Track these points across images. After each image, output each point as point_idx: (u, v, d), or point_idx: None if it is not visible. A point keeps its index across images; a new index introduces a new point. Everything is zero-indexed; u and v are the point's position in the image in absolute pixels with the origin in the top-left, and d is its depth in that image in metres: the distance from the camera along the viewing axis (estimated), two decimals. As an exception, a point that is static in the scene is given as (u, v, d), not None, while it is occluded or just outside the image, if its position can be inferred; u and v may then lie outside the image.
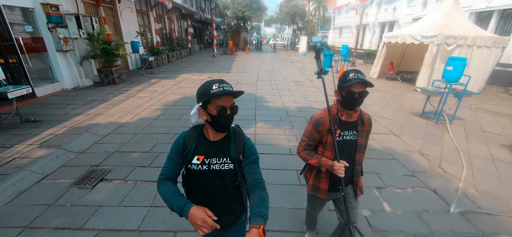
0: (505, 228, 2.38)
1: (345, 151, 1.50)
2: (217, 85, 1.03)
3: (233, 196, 1.21)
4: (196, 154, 1.13)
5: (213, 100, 1.04)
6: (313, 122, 1.53)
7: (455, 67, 4.74)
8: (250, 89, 7.93)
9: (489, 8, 9.02)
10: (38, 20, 6.25)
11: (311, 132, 1.53)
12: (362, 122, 1.50)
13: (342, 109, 1.47)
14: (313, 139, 1.54)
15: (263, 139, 4.14)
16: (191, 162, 1.13)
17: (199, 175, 1.14)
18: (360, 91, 1.36)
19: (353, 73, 1.37)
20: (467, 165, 3.48)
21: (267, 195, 1.09)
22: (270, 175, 3.09)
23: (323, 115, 1.50)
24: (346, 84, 1.35)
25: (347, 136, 1.49)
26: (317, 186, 1.63)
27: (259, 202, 1.03)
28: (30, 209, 2.47)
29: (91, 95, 6.58)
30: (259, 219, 0.95)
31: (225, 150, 1.14)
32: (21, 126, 4.36)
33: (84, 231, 2.20)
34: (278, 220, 2.36)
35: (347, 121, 1.48)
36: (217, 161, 1.13)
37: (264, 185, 1.12)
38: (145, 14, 12.51)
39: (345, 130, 1.48)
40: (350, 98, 1.37)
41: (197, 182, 1.17)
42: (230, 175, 1.15)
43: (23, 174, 2.98)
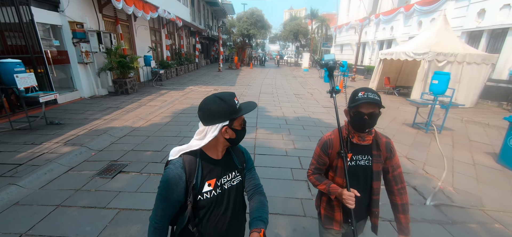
0: (474, 218, 2.68)
1: (360, 178, 1.33)
2: (236, 99, 0.98)
3: (241, 209, 1.14)
4: (206, 180, 1.00)
5: (239, 118, 0.99)
6: (321, 144, 1.37)
7: (440, 81, 5.16)
8: (253, 100, 8.40)
9: (479, 28, 9.54)
10: (64, 35, 7.00)
11: (319, 154, 1.37)
12: (377, 146, 1.32)
13: (353, 131, 1.31)
14: (322, 163, 1.38)
15: (263, 143, 4.56)
16: (202, 192, 0.99)
17: (212, 203, 1.01)
18: (370, 112, 1.20)
19: (363, 92, 1.21)
20: (449, 168, 3.80)
21: (266, 199, 1.08)
22: (267, 172, 3.48)
23: (333, 137, 1.34)
24: (354, 104, 1.21)
25: (361, 161, 1.31)
26: (330, 217, 1.42)
27: (259, 207, 1.02)
28: (60, 192, 2.90)
29: (106, 103, 7.16)
30: (259, 223, 0.95)
31: (231, 164, 1.08)
32: (46, 128, 4.89)
33: (107, 209, 2.61)
34: (273, 206, 2.72)
35: (359, 144, 1.30)
36: (228, 179, 1.06)
37: (263, 190, 1.12)
38: (157, 31, 13.45)
39: (358, 154, 1.31)
40: (359, 119, 1.22)
41: (207, 213, 1.02)
42: (239, 189, 1.10)
43: (52, 166, 3.43)
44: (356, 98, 1.23)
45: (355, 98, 1.24)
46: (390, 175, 1.36)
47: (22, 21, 5.78)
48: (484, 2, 9.38)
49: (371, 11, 18.88)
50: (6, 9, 5.42)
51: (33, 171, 3.22)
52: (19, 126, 4.86)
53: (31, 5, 5.94)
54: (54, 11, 6.72)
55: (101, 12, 8.35)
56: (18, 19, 5.70)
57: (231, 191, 1.06)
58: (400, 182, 1.35)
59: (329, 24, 30.37)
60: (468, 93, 7.89)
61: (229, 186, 1.05)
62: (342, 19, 24.28)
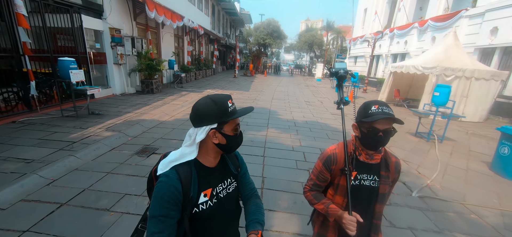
0: (453, 209, 3.08)
1: (362, 200, 1.21)
2: (230, 102, 0.91)
3: (235, 215, 1.10)
4: (201, 191, 0.93)
5: (231, 121, 0.91)
6: (323, 159, 1.25)
7: (441, 93, 5.51)
8: (266, 105, 9.06)
9: (492, 45, 9.64)
10: (104, 39, 8.07)
11: (320, 170, 1.25)
12: (386, 166, 1.21)
13: (361, 148, 1.20)
14: (322, 179, 1.26)
15: (272, 139, 5.13)
16: (198, 203, 0.92)
17: (209, 214, 0.94)
18: (386, 128, 1.08)
19: (377, 106, 1.10)
20: (442, 171, 4.17)
21: (261, 202, 1.08)
22: (275, 161, 4.04)
23: (337, 151, 1.23)
24: (368, 120, 1.08)
25: (366, 181, 1.20)
26: (323, 235, 1.32)
27: (255, 209, 1.01)
28: (108, 164, 3.63)
29: (135, 100, 8.08)
30: (256, 226, 0.94)
31: (225, 170, 1.04)
32: (89, 117, 5.77)
33: (144, 178, 3.28)
34: (278, 185, 3.28)
35: (366, 163, 1.19)
36: (223, 187, 1.00)
37: (258, 192, 1.11)
38: (180, 38, 14.60)
39: (364, 173, 1.20)
40: (373, 136, 1.10)
41: (204, 225, 0.95)
42: (234, 195, 1.05)
43: (99, 145, 4.21)
44: (369, 112, 1.10)
45: (368, 112, 1.11)
46: None
47: (74, 26, 6.86)
48: (497, 20, 9.52)
49: (386, 25, 19.15)
50: (62, 16, 6.49)
51: (85, 147, 4.01)
52: (67, 113, 5.78)
53: (82, 13, 7.02)
54: (98, 18, 7.82)
55: (135, 20, 9.45)
56: (70, 24, 6.77)
57: (227, 199, 1.01)
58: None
59: (345, 36, 30.77)
60: (477, 108, 8.03)
61: (225, 194, 1.00)
62: (357, 31, 24.61)
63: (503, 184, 3.84)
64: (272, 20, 24.65)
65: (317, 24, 72.56)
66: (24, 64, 5.40)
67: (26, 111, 5.66)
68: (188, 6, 14.33)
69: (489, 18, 9.88)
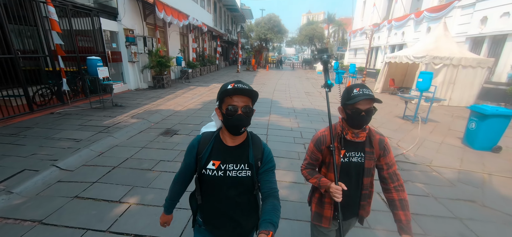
0: (419, 168, 3.82)
1: (352, 175, 1.35)
2: (233, 84, 0.99)
3: (248, 206, 1.16)
4: (211, 159, 1.08)
5: (226, 99, 1.01)
6: (314, 140, 1.40)
7: (424, 79, 6.18)
8: (268, 95, 9.81)
9: (482, 34, 10.18)
10: (120, 39, 8.86)
11: (312, 150, 1.42)
12: (370, 143, 1.34)
13: (347, 128, 1.32)
14: (315, 159, 1.43)
15: (274, 122, 5.90)
16: (206, 167, 1.07)
17: (214, 182, 1.08)
18: (367, 108, 1.22)
19: (358, 89, 1.23)
20: (418, 144, 4.90)
21: (279, 204, 1.06)
22: (276, 138, 4.82)
23: (326, 133, 1.37)
24: (351, 101, 1.21)
25: (354, 158, 1.34)
26: (320, 214, 1.46)
27: (271, 210, 1.00)
28: (141, 141, 4.44)
29: (149, 94, 8.89)
30: (269, 226, 0.93)
31: (243, 156, 1.09)
32: (113, 108, 6.59)
33: (173, 150, 4.09)
34: (277, 153, 4.05)
35: (353, 141, 1.32)
36: (234, 168, 1.07)
37: (278, 194, 1.10)
38: (185, 36, 15.34)
39: (352, 151, 1.33)
40: (356, 116, 1.23)
41: (210, 190, 1.11)
42: (247, 183, 1.10)
43: (129, 129, 5.03)
44: (352, 95, 1.22)
45: (351, 95, 1.23)
46: (385, 173, 1.35)
47: (95, 28, 7.65)
48: (486, 10, 10.04)
49: (385, 17, 19.57)
50: (84, 19, 7.27)
51: (119, 130, 4.83)
52: (95, 106, 6.62)
53: (100, 16, 7.81)
54: (114, 21, 8.59)
55: (145, 20, 10.21)
56: (91, 27, 7.56)
57: (236, 181, 1.07)
58: (397, 180, 1.34)
59: (346, 29, 31.13)
60: (464, 94, 8.65)
61: (234, 175, 1.07)
62: (356, 24, 25.01)
63: (468, 153, 4.56)
64: (272, 15, 25.17)
65: (318, 16, 72.37)
66: (57, 64, 6.21)
67: (59, 104, 6.50)
68: (192, 5, 15.02)
69: (480, 8, 10.39)
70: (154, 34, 11.07)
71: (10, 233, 2.14)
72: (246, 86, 1.00)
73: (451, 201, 2.98)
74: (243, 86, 0.99)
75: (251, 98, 1.04)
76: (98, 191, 2.85)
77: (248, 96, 1.01)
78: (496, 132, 4.50)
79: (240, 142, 1.11)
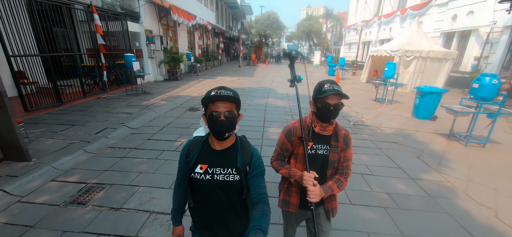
0: (369, 128, 5.51)
1: (317, 166, 1.41)
2: (215, 91, 1.02)
3: (238, 210, 1.17)
4: (199, 163, 1.11)
5: (209, 105, 1.04)
6: (285, 131, 1.46)
7: (389, 68, 7.82)
8: (267, 85, 11.49)
9: (453, 30, 11.75)
10: (141, 39, 10.51)
11: (283, 141, 1.47)
12: (336, 137, 1.40)
13: (316, 121, 1.39)
14: (285, 149, 1.49)
15: (272, 104, 7.60)
16: (194, 171, 1.10)
17: (202, 185, 1.11)
18: (336, 103, 1.28)
19: (328, 84, 1.29)
20: (377, 115, 6.57)
21: (269, 210, 1.07)
22: (272, 112, 6.51)
23: (297, 125, 1.44)
24: (322, 96, 1.27)
25: (320, 150, 1.40)
26: (287, 201, 1.54)
27: (261, 216, 1.01)
28: (174, 114, 6.14)
29: (167, 84, 10.58)
30: (258, 232, 0.93)
31: (230, 160, 1.12)
32: (143, 94, 8.28)
33: (198, 118, 5.79)
34: (272, 120, 5.74)
35: (320, 134, 1.39)
36: (222, 171, 1.10)
37: (268, 199, 1.10)
38: (192, 34, 16.94)
39: (319, 144, 1.40)
40: (326, 110, 1.29)
41: (200, 193, 1.14)
42: (235, 186, 1.11)
43: (162, 107, 6.73)
44: (323, 90, 1.29)
45: (322, 90, 1.30)
46: (339, 165, 1.45)
47: (123, 30, 9.30)
48: (456, 9, 11.59)
49: (376, 13, 21.03)
50: (116, 22, 8.91)
51: (156, 107, 6.54)
52: (130, 93, 8.32)
53: (127, 20, 9.45)
54: (137, 23, 10.23)
55: (160, 21, 11.83)
56: (121, 29, 9.21)
57: (224, 185, 1.10)
58: (343, 175, 1.44)
59: (344, 23, 32.54)
60: (431, 81, 10.26)
61: (221, 179, 1.09)
62: (351, 19, 26.45)
63: (412, 120, 6.24)
64: (271, 13, 26.63)
65: (318, 10, 73.19)
66: (99, 60, 7.89)
67: (101, 92, 8.20)
68: (197, 5, 16.56)
69: (451, 6, 11.93)
70: (167, 33, 12.70)
71: (119, 153, 3.86)
72: (230, 92, 1.02)
73: (381, 142, 4.68)
74: (225, 93, 1.01)
75: (235, 104, 1.06)
76: (160, 136, 4.58)
77: (231, 102, 1.03)
78: (432, 105, 6.17)
79: (228, 146, 1.13)
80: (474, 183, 3.30)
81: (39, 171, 3.14)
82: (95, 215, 2.45)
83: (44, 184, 2.97)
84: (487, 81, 4.19)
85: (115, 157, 3.71)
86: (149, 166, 3.47)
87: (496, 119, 4.41)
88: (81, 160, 3.60)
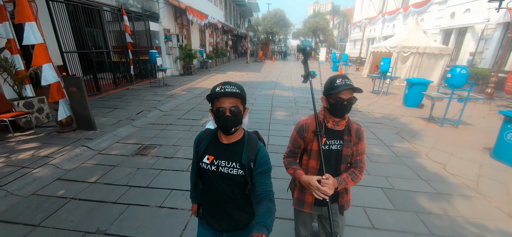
0: (361, 113, 6.43)
1: (331, 162, 1.42)
2: (220, 87, 1.04)
3: (241, 203, 1.21)
4: (206, 154, 1.17)
5: (215, 101, 1.07)
6: (297, 128, 1.46)
7: (385, 62, 8.66)
8: (274, 79, 12.47)
9: (451, 27, 12.36)
10: (160, 37, 11.65)
11: (295, 138, 1.48)
12: (349, 131, 1.41)
13: (328, 116, 1.40)
14: (297, 146, 1.49)
15: (279, 94, 8.58)
16: (202, 160, 1.18)
17: (208, 175, 1.17)
18: (349, 97, 1.29)
19: (340, 79, 1.29)
20: (371, 104, 7.46)
21: (274, 207, 1.07)
22: (279, 101, 7.51)
23: (309, 121, 1.45)
24: (334, 91, 1.28)
25: (333, 146, 1.41)
26: (301, 200, 1.54)
27: (265, 212, 1.02)
28: (195, 102, 7.22)
29: (183, 78, 11.71)
30: (262, 229, 0.94)
31: (236, 155, 1.15)
32: (165, 86, 9.41)
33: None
34: (279, 105, 6.74)
35: (333, 129, 1.39)
36: (226, 165, 1.14)
37: (273, 197, 1.11)
38: (203, 32, 18.03)
39: (332, 139, 1.41)
40: (339, 105, 1.30)
41: (206, 182, 1.21)
42: (239, 181, 1.15)
43: (184, 96, 7.82)
44: (335, 85, 1.28)
45: (334, 85, 1.29)
46: (352, 159, 1.45)
47: (146, 29, 10.45)
48: (454, 7, 12.19)
49: (380, 10, 21.54)
50: (139, 23, 10.06)
51: (179, 97, 7.64)
52: (153, 85, 9.48)
53: (149, 20, 10.59)
54: (156, 23, 11.37)
55: (176, 21, 12.95)
56: (143, 28, 10.36)
57: (228, 178, 1.14)
58: (357, 168, 1.44)
59: (350, 20, 32.94)
60: (426, 75, 10.98)
61: (226, 171, 1.14)
62: (356, 16, 26.94)
63: (401, 108, 7.11)
64: (278, 10, 27.43)
65: (326, 6, 72.98)
66: (127, 56, 9.06)
67: (128, 84, 9.39)
68: (208, 4, 17.61)
69: (450, 4, 12.53)
70: (182, 32, 13.81)
71: (159, 127, 4.95)
72: (234, 87, 1.03)
73: (368, 123, 5.62)
74: (230, 89, 1.02)
75: (240, 99, 1.07)
76: (188, 116, 5.67)
77: (236, 97, 1.05)
78: (419, 94, 7.01)
79: (235, 141, 1.17)
80: (436, 150, 4.22)
81: (105, 136, 4.27)
82: (156, 160, 3.54)
83: (112, 144, 4.10)
84: (458, 71, 5.05)
85: (157, 130, 4.82)
86: (184, 135, 4.56)
87: (465, 104, 5.27)
88: (132, 131, 4.72)
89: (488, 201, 2.84)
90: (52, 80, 4.01)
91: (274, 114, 6.06)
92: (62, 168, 3.27)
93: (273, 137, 4.59)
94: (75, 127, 4.52)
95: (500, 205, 2.78)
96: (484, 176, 3.38)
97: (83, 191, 2.80)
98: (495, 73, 8.47)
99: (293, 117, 5.96)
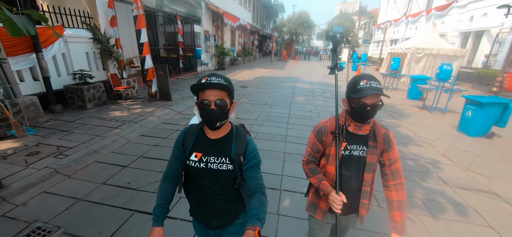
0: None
1: (352, 169, 1.29)
2: (206, 78, 0.98)
3: (232, 198, 1.17)
4: (194, 151, 1.11)
5: (200, 93, 1.02)
6: (315, 131, 1.34)
7: (394, 62, 9.88)
8: (296, 75, 14.15)
9: (469, 30, 12.93)
10: (201, 37, 13.95)
11: (313, 141, 1.36)
12: (374, 137, 1.26)
13: (350, 120, 1.25)
14: (316, 150, 1.37)
15: (299, 86, 10.28)
16: (189, 158, 1.11)
17: (197, 173, 1.12)
18: (373, 103, 1.13)
19: (365, 81, 1.13)
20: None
21: (266, 199, 1.08)
22: (298, 91, 9.22)
23: (328, 124, 1.32)
24: (358, 95, 1.13)
25: (355, 151, 1.26)
26: (315, 204, 1.44)
27: (258, 205, 1.02)
28: (231, 89, 9.24)
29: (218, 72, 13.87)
30: (255, 222, 0.94)
31: (225, 149, 1.11)
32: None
33: (246, 89, 8.78)
34: (299, 95, 8.45)
35: (355, 134, 1.26)
36: (216, 160, 1.10)
37: (264, 189, 1.11)
38: (233, 32, 20.24)
39: (353, 144, 1.26)
40: (361, 110, 1.15)
41: (195, 180, 1.15)
42: (229, 175, 1.12)
43: (222, 85, 9.90)
44: (358, 88, 1.14)
45: (357, 87, 1.15)
46: (387, 169, 1.29)
47: (191, 31, 12.78)
48: (473, 11, 12.76)
49: (404, 13, 21.92)
50: (186, 25, 12.38)
51: (218, 85, 9.73)
52: (197, 76, 11.74)
53: (194, 23, 12.91)
54: (199, 25, 13.68)
55: (213, 23, 15.21)
56: (190, 30, 12.69)
57: (217, 173, 1.10)
58: (398, 177, 1.28)
59: (376, 20, 33.04)
60: (440, 75, 11.81)
61: (215, 168, 1.10)
62: (381, 18, 27.28)
63: (403, 100, 8.38)
64: (303, 12, 28.76)
65: (353, 6, 71.87)
66: (178, 52, 11.39)
67: (178, 75, 11.75)
68: (238, 8, 19.74)
69: (470, 8, 13.09)
70: (217, 33, 16.06)
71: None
72: (221, 79, 0.98)
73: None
74: (216, 80, 0.96)
75: (227, 92, 1.02)
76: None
77: (222, 90, 0.99)
78: (420, 89, 8.24)
79: (222, 135, 1.12)
80: (415, 124, 5.66)
81: (179, 104, 6.39)
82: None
83: (184, 109, 6.20)
84: (444, 68, 6.35)
85: (211, 103, 6.87)
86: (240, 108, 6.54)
87: (451, 94, 6.53)
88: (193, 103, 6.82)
89: (434, 148, 4.34)
90: (150, 65, 6.22)
91: (295, 99, 7.81)
92: (162, 118, 5.40)
93: (294, 110, 6.38)
94: (158, 98, 6.73)
95: (441, 150, 4.26)
96: (441, 139, 4.81)
97: (178, 127, 4.86)
98: (501, 74, 9.26)
99: (309, 101, 7.65)
